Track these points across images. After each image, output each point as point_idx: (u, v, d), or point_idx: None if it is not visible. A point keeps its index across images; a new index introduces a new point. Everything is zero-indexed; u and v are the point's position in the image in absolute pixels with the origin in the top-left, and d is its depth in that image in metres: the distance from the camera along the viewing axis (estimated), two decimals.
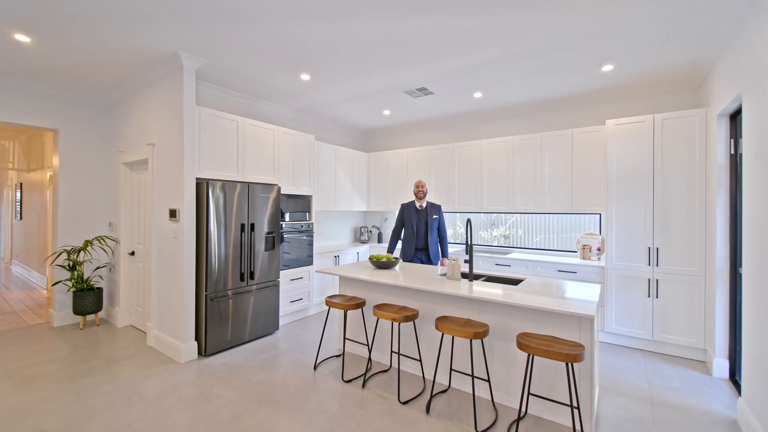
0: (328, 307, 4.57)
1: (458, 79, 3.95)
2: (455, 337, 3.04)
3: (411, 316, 2.90)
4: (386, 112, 5.28)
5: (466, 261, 3.10)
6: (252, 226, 4.03)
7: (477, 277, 3.49)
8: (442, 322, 2.70)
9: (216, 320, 3.72)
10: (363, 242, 6.13)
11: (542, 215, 4.98)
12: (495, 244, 5.46)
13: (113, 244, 4.77)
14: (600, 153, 4.15)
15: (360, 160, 6.08)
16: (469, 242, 3.11)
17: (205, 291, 3.66)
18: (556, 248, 4.87)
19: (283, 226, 4.50)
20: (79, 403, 2.81)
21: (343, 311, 3.76)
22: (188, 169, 3.57)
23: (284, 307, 4.51)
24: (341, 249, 5.43)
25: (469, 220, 3.15)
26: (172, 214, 3.66)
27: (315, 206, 5.16)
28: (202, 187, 3.67)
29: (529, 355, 2.31)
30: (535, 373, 2.66)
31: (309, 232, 4.83)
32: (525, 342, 2.31)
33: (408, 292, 3.33)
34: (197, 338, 3.71)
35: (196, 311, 3.72)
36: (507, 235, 5.49)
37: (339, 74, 3.86)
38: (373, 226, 6.35)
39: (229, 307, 3.84)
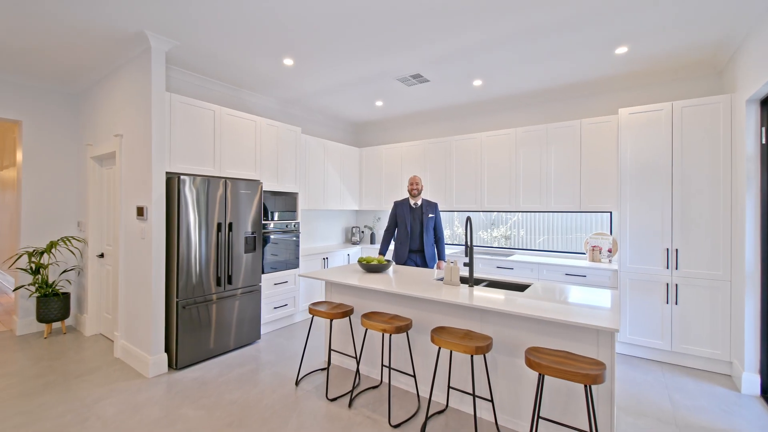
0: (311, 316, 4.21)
1: (456, 64, 3.61)
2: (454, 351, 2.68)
3: (403, 327, 2.54)
4: (379, 103, 4.92)
5: (465, 264, 2.74)
6: (230, 225, 3.66)
7: (478, 281, 3.14)
8: (438, 334, 2.34)
9: (189, 330, 3.36)
10: (354, 243, 5.77)
11: (546, 214, 4.63)
12: (495, 245, 5.11)
13: (81, 246, 4.39)
14: (611, 145, 3.81)
15: (351, 156, 5.73)
16: (469, 243, 2.76)
17: (176, 297, 3.29)
18: (561, 249, 4.52)
19: (266, 225, 4.14)
20: (25, 428, 2.44)
21: (328, 320, 3.40)
22: (157, 162, 3.21)
23: (267, 314, 4.14)
24: (330, 250, 5.06)
25: (468, 219, 2.80)
26: (140, 212, 3.30)
27: (301, 204, 4.80)
28: (172, 182, 3.31)
29: (540, 374, 1.95)
30: (546, 392, 2.31)
31: (295, 232, 4.46)
32: (535, 359, 1.95)
33: (401, 298, 2.97)
34: (168, 350, 3.34)
35: (166, 320, 3.36)
36: (508, 236, 5.14)
37: (325, 58, 3.50)
38: (365, 226, 5.98)
39: (204, 314, 3.47)
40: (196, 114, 3.53)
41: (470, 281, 2.76)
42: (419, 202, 3.88)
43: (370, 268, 3.32)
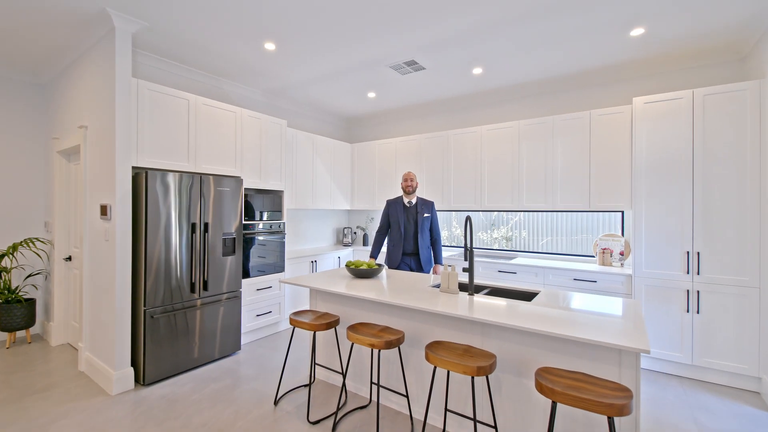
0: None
1: (454, 49, 3.29)
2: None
3: (394, 342, 2.22)
4: (371, 95, 4.60)
5: (464, 270, 2.40)
6: (206, 226, 3.33)
7: (478, 289, 2.82)
8: (434, 350, 2.02)
9: (158, 341, 3.03)
10: (346, 245, 5.43)
11: (550, 214, 4.31)
12: (496, 247, 4.79)
13: (48, 248, 4.05)
14: (624, 138, 3.49)
15: (342, 152, 5.39)
16: (469, 246, 2.44)
17: (144, 305, 2.97)
18: (566, 252, 4.20)
19: (248, 226, 3.81)
20: None
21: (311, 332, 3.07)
22: (122, 156, 2.88)
23: (248, 323, 3.81)
24: (320, 253, 4.73)
25: (468, 219, 2.48)
26: (103, 210, 2.97)
27: (288, 203, 4.47)
28: (140, 178, 2.99)
29: (553, 401, 1.63)
30: (559, 420, 1.99)
31: (280, 233, 4.13)
32: (548, 384, 1.63)
33: (392, 308, 2.65)
34: (134, 364, 3.02)
35: (133, 330, 3.04)
36: (509, 237, 4.82)
37: (309, 40, 3.18)
38: (357, 227, 5.65)
39: (176, 324, 3.14)
40: (168, 103, 3.21)
41: (470, 289, 2.44)
42: (414, 201, 3.56)
43: (359, 273, 2.99)
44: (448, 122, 5.01)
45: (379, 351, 2.28)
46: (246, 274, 3.77)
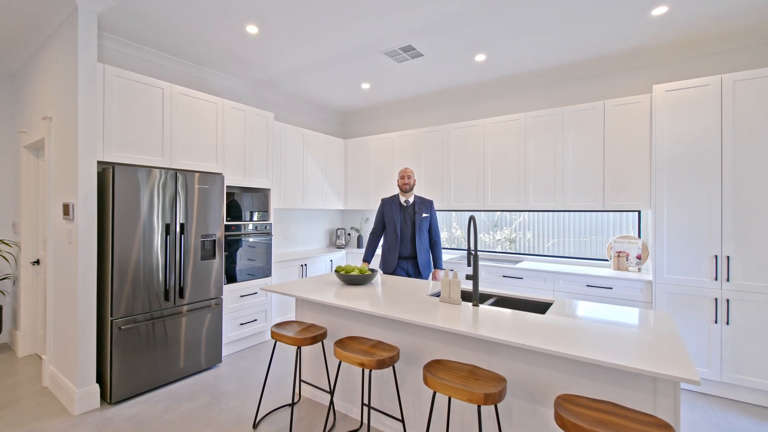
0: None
1: (455, 33, 2.99)
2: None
3: (387, 361, 1.91)
4: (365, 86, 4.29)
5: (468, 277, 2.10)
6: (182, 227, 3.03)
7: (483, 298, 2.51)
8: (434, 372, 1.71)
9: (128, 355, 2.73)
10: (339, 247, 5.12)
11: (557, 214, 4.01)
12: (498, 249, 4.48)
13: (16, 251, 3.75)
14: (643, 131, 3.18)
15: (335, 148, 5.08)
16: (473, 249, 2.13)
17: (111, 315, 2.67)
18: (575, 255, 3.90)
19: (231, 227, 3.50)
20: None
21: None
22: (85, 149, 2.59)
23: (231, 332, 3.50)
24: (310, 256, 4.42)
25: (472, 219, 2.18)
26: (66, 210, 2.67)
27: (275, 203, 4.16)
28: (107, 174, 2.70)
29: None
30: None
31: (267, 235, 3.83)
32: (571, 418, 1.33)
33: (387, 319, 2.34)
34: (101, 380, 2.72)
35: (99, 343, 2.75)
36: (513, 239, 4.51)
37: (295, 22, 2.88)
38: (351, 228, 5.33)
39: (148, 335, 2.84)
40: (140, 92, 2.91)
41: (475, 299, 2.14)
42: (411, 200, 3.26)
43: (350, 279, 2.69)
44: (448, 116, 4.70)
45: (371, 371, 1.98)
46: (229, 279, 3.47)
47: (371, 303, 2.20)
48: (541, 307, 2.32)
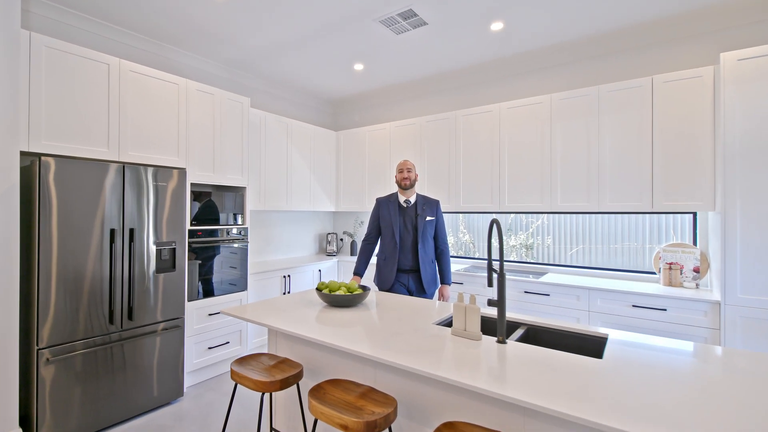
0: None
1: None
2: None
3: (381, 422, 1.32)
4: (358, 67, 3.69)
5: (490, 302, 1.48)
6: (131, 232, 2.47)
7: (510, 328, 1.90)
8: None
9: (60, 392, 2.19)
10: (330, 254, 4.52)
11: (585, 216, 3.38)
12: (513, 257, 3.86)
13: None
14: (704, 112, 2.53)
15: (325, 141, 4.49)
16: (498, 267, 1.53)
17: (37, 344, 2.13)
18: (607, 266, 3.26)
19: (196, 233, 2.93)
20: None
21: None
22: (4, 137, 2.05)
23: (197, 358, 2.92)
24: (295, 265, 3.82)
25: (495, 222, 1.58)
26: None
27: (252, 204, 3.57)
28: (32, 168, 2.17)
29: None
30: None
31: (242, 241, 3.25)
32: None
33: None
34: (26, 424, 2.18)
35: (24, 378, 2.23)
36: (530, 245, 3.88)
37: None
38: (344, 233, 4.72)
39: (88, 367, 2.29)
40: (78, 67, 2.36)
41: (500, 333, 1.54)
42: (413, 199, 2.66)
43: (335, 300, 2.10)
44: (455, 102, 4.06)
45: None
46: (194, 294, 2.90)
47: (360, 335, 1.61)
48: (590, 343, 1.71)
